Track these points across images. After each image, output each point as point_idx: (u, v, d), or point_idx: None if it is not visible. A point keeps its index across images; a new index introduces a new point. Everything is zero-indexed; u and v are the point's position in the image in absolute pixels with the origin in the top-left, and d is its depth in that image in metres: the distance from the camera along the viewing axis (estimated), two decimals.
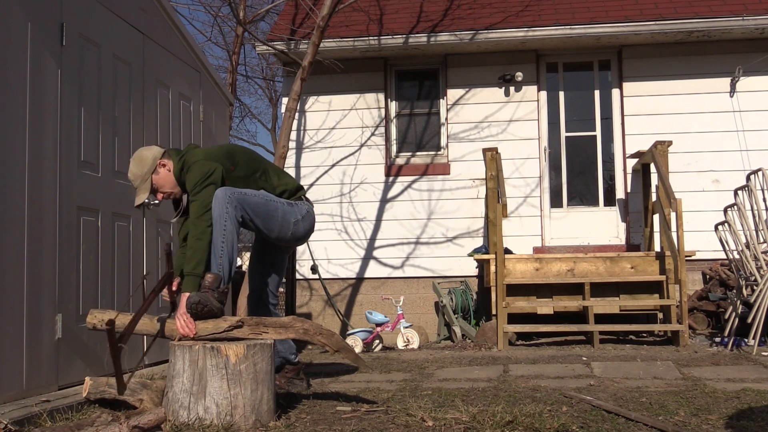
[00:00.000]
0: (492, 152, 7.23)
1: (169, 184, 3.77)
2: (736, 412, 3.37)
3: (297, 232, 3.94)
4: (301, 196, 4.04)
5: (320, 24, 6.47)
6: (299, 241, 4.11)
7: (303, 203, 4.01)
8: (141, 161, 3.73)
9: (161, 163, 3.76)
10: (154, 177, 3.74)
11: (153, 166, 3.73)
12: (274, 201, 3.84)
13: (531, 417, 3.15)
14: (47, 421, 3.22)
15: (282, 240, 3.97)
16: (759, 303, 5.55)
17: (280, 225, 3.85)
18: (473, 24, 7.94)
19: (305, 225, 3.99)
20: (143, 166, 3.72)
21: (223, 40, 15.94)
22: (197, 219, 3.53)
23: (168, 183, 3.77)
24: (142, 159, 3.73)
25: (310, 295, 8.27)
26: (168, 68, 5.42)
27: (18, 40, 3.72)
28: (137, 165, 3.73)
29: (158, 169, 3.75)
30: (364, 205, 8.24)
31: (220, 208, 3.55)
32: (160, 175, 3.75)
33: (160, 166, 3.75)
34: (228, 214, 3.55)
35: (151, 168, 3.72)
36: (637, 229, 7.83)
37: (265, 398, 3.25)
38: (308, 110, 8.43)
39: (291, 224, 3.89)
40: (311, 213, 4.05)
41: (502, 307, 6.47)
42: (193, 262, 3.48)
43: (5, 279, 3.54)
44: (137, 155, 3.77)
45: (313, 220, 4.08)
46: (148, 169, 3.72)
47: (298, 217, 3.93)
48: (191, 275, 3.47)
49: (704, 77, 7.84)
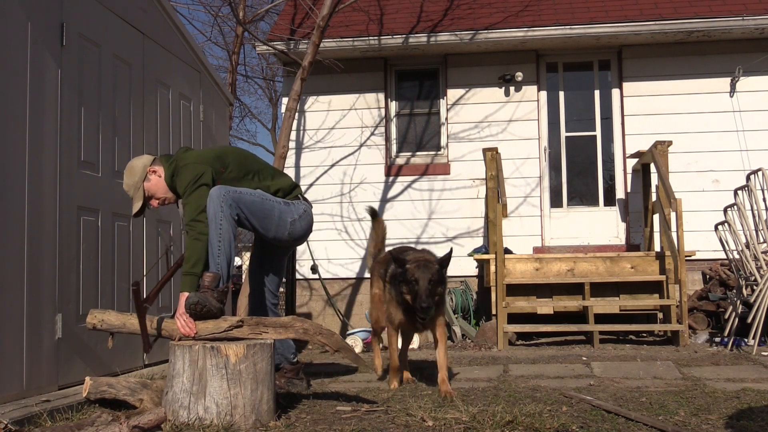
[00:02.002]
0: (492, 152, 7.23)
1: (161, 190, 3.82)
2: (736, 412, 3.37)
3: (294, 232, 3.94)
4: (297, 195, 4.03)
5: (320, 24, 6.47)
6: (297, 242, 4.10)
7: (300, 203, 4.00)
8: (131, 171, 3.80)
9: (151, 170, 3.80)
10: (145, 185, 3.80)
11: (143, 174, 3.78)
12: (270, 200, 3.84)
13: (531, 417, 3.15)
14: (47, 421, 3.23)
15: (279, 240, 3.97)
16: (759, 303, 5.55)
17: (277, 224, 3.86)
18: (473, 24, 7.94)
19: (302, 225, 3.98)
20: (134, 175, 3.78)
21: (223, 40, 15.95)
22: (192, 221, 3.55)
23: (160, 189, 3.82)
24: (132, 169, 3.80)
25: (310, 295, 8.27)
26: (168, 68, 5.42)
27: (18, 40, 3.72)
28: (128, 175, 3.81)
29: (149, 176, 3.80)
30: (364, 204, 8.22)
31: (215, 207, 3.56)
32: (152, 182, 3.80)
33: (151, 173, 3.80)
34: (223, 212, 3.56)
35: (142, 176, 3.78)
36: (637, 229, 7.83)
37: (265, 398, 3.25)
38: (308, 110, 8.43)
39: (288, 224, 3.89)
40: (308, 213, 4.04)
41: (502, 307, 6.47)
42: (190, 262, 3.49)
43: (5, 279, 3.54)
44: (129, 166, 3.83)
45: (311, 220, 4.07)
46: (138, 177, 3.78)
47: (295, 217, 3.92)
48: (189, 274, 3.49)
49: (704, 77, 7.84)
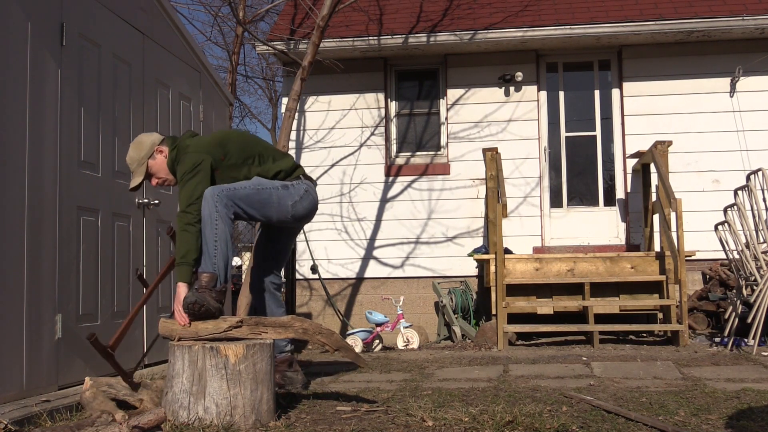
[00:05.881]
0: (492, 152, 7.23)
1: (164, 171, 3.84)
2: (736, 412, 3.37)
3: (297, 213, 3.92)
4: (299, 175, 4.00)
5: (320, 24, 6.46)
6: (302, 221, 4.07)
7: (300, 183, 3.96)
8: (139, 146, 3.80)
9: (159, 149, 3.82)
10: (150, 162, 3.81)
11: (150, 152, 3.79)
12: (266, 188, 3.81)
13: (531, 417, 3.15)
14: (47, 421, 3.22)
15: (284, 222, 3.98)
16: (759, 303, 5.55)
17: (277, 210, 3.85)
18: (473, 24, 7.93)
19: (305, 205, 3.95)
20: (141, 150, 3.79)
21: (223, 40, 15.97)
22: (182, 212, 3.56)
23: (162, 169, 3.83)
24: (140, 143, 3.81)
25: (310, 295, 8.27)
26: (168, 68, 5.42)
27: (18, 40, 3.72)
28: (135, 149, 3.81)
29: (155, 155, 3.82)
30: (364, 204, 8.24)
31: (210, 208, 3.56)
32: (157, 160, 3.81)
33: (158, 152, 3.82)
34: (218, 212, 3.56)
35: (148, 153, 3.79)
36: (637, 229, 7.83)
37: (264, 398, 3.25)
38: (308, 110, 8.43)
39: (289, 207, 3.87)
40: (310, 192, 3.99)
41: (502, 307, 6.47)
42: (181, 252, 3.52)
43: (5, 279, 3.54)
44: (137, 140, 3.84)
45: (314, 199, 4.03)
46: (145, 153, 3.79)
47: (296, 199, 3.89)
48: (181, 264, 3.52)
49: (704, 77, 7.84)
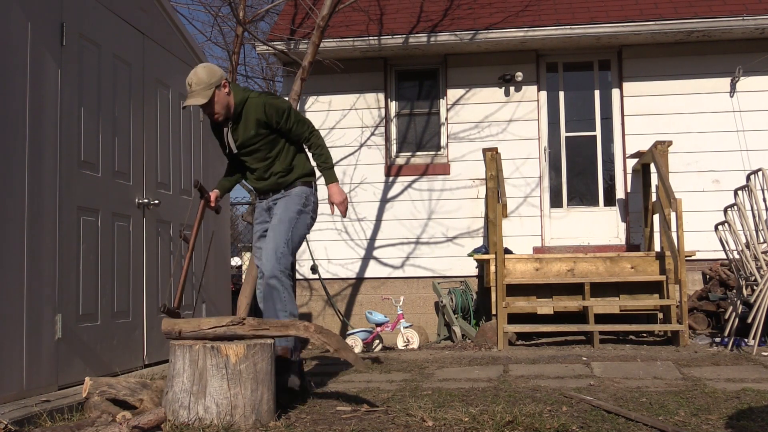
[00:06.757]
0: (492, 152, 7.23)
1: (223, 105, 3.93)
2: (736, 412, 3.37)
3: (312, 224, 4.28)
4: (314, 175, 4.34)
5: (320, 24, 6.46)
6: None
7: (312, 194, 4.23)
8: (212, 72, 3.89)
9: (225, 83, 3.92)
10: (217, 91, 3.88)
11: (220, 81, 3.89)
12: (305, 223, 4.14)
13: (531, 417, 3.15)
14: (47, 421, 3.22)
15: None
16: (759, 303, 5.55)
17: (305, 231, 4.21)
18: (473, 24, 7.93)
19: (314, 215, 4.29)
20: (213, 76, 3.87)
21: (223, 40, 15.92)
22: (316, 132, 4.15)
23: (222, 103, 3.92)
24: (214, 70, 3.90)
25: (310, 295, 8.27)
26: (168, 68, 5.42)
27: (18, 39, 3.72)
28: (208, 73, 3.86)
29: (223, 87, 3.90)
30: (364, 204, 8.24)
31: (275, 282, 3.91)
32: (222, 93, 3.90)
33: (224, 86, 3.90)
34: (283, 284, 3.93)
35: (219, 82, 3.88)
36: (637, 229, 7.83)
37: (265, 398, 3.25)
38: (308, 110, 8.43)
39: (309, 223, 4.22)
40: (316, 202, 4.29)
41: (502, 307, 6.47)
42: (323, 159, 4.13)
43: (5, 279, 3.54)
44: (209, 66, 3.94)
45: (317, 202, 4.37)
46: (216, 81, 3.87)
47: (313, 216, 4.23)
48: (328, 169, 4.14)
49: (704, 77, 7.84)
